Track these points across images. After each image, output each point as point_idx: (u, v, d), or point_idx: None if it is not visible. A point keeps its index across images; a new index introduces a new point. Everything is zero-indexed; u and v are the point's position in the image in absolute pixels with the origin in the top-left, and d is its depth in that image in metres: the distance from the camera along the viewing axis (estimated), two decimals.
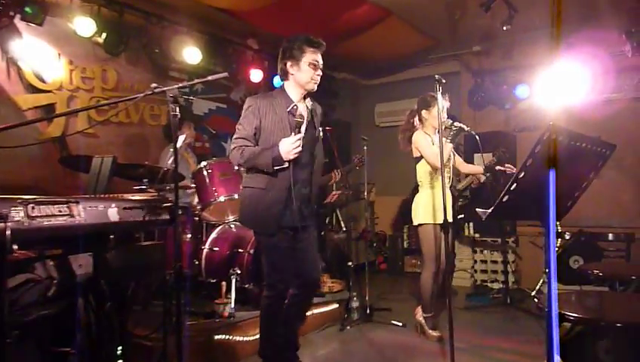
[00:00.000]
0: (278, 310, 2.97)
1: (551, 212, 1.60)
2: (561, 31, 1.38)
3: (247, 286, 3.96)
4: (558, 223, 4.95)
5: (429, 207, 3.80)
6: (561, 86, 5.02)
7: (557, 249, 5.20)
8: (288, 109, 2.90)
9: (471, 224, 6.23)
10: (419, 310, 4.03)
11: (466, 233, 6.29)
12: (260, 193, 2.86)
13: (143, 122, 5.21)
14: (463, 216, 5.85)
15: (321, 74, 2.95)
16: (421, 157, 3.89)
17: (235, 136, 2.88)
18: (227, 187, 4.09)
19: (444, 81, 3.00)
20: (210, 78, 2.54)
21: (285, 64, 2.93)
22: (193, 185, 4.20)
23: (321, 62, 2.92)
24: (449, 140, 3.74)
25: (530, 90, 6.07)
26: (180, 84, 2.46)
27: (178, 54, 5.16)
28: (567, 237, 5.40)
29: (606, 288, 3.48)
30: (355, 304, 4.42)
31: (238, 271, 3.92)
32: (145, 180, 3.48)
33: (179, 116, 2.33)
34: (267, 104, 2.90)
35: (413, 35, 5.96)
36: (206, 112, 5.95)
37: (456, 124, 3.73)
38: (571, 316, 1.99)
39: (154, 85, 2.31)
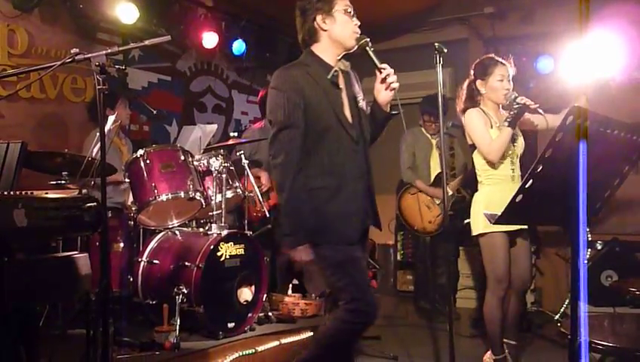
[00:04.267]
0: (354, 344, 2.92)
1: (580, 215, 1.63)
2: None
3: (196, 309, 3.94)
4: (587, 230, 5.05)
5: (494, 209, 3.59)
6: (592, 60, 5.10)
7: (586, 262, 5.30)
8: (329, 77, 2.81)
9: None
10: (487, 356, 3.87)
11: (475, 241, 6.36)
12: (325, 193, 2.74)
13: (62, 98, 5.14)
14: (469, 220, 5.91)
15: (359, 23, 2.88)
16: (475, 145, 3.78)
17: (275, 129, 2.73)
18: (171, 182, 4.06)
19: (445, 50, 3.02)
20: (149, 42, 2.53)
21: (314, 20, 2.82)
22: (127, 180, 4.17)
23: (353, 9, 2.87)
24: (507, 122, 3.56)
25: (554, 64, 6.16)
26: (110, 50, 2.44)
27: (109, 11, 5.09)
28: (599, 247, 5.51)
29: None
30: None
31: (185, 291, 3.90)
32: (64, 173, 3.43)
33: (107, 91, 2.31)
34: (303, 74, 2.78)
35: None
36: (145, 86, 5.91)
37: (519, 99, 3.53)
38: (602, 345, 2.04)
39: (75, 51, 2.29)
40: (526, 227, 3.66)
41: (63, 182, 3.38)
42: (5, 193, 2.26)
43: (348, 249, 2.75)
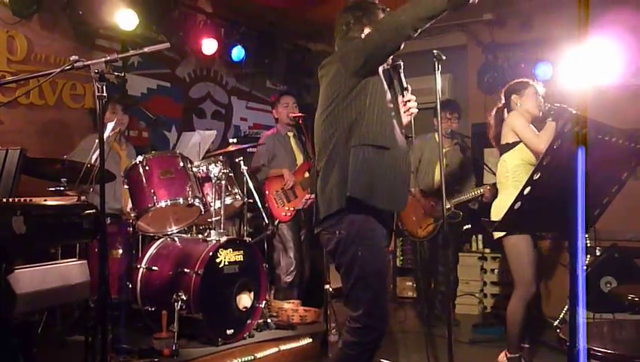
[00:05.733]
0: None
1: (578, 222, 1.64)
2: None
3: (195, 315, 3.94)
4: (586, 236, 5.05)
5: None
6: (590, 66, 5.12)
7: (585, 268, 5.30)
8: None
9: (479, 237, 6.30)
10: (503, 355, 3.96)
11: (474, 248, 6.36)
12: (379, 153, 2.75)
13: (62, 105, 5.14)
14: (469, 226, 5.92)
15: None
16: (514, 144, 3.89)
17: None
18: (170, 189, 4.06)
19: (444, 57, 3.03)
20: (148, 49, 2.53)
21: (361, 31, 2.93)
22: (126, 187, 4.17)
23: None
24: (551, 118, 3.80)
25: (553, 70, 6.17)
26: (110, 57, 2.44)
27: (108, 17, 5.09)
28: (598, 253, 5.51)
29: None
30: (333, 338, 4.43)
31: (184, 297, 3.90)
32: (63, 180, 3.44)
33: (106, 98, 2.32)
34: None
35: None
36: (144, 92, 5.92)
37: (556, 104, 3.82)
38: (601, 352, 2.03)
39: (74, 58, 2.29)
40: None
41: (61, 188, 3.38)
42: (4, 200, 2.27)
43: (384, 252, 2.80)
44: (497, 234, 3.78)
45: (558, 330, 5.15)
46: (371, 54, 2.73)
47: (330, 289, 4.66)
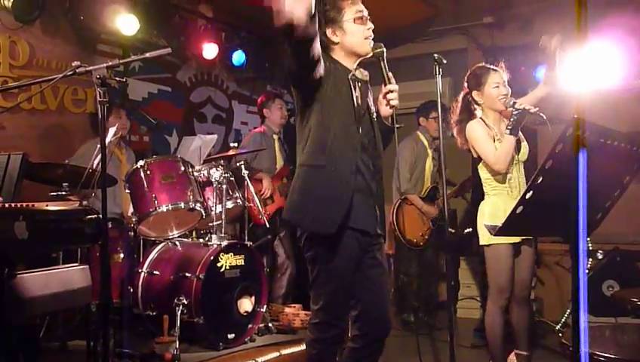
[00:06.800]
0: None
1: (580, 225, 1.63)
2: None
3: (196, 320, 3.94)
4: (588, 240, 5.03)
5: (498, 221, 3.60)
6: (592, 68, 5.11)
7: (587, 271, 5.29)
8: (349, 76, 2.78)
9: None
10: (513, 356, 3.86)
11: (475, 251, 6.35)
12: (316, 173, 2.70)
13: (63, 109, 5.15)
14: (470, 229, 5.91)
15: (373, 27, 2.83)
16: (480, 158, 3.70)
17: None
18: (171, 193, 4.07)
19: (444, 61, 3.03)
20: (149, 54, 2.54)
21: (324, 33, 2.74)
22: (127, 191, 4.17)
23: (366, 11, 2.79)
24: (508, 129, 3.51)
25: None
26: (111, 62, 2.45)
27: (109, 22, 5.11)
28: (600, 256, 5.50)
29: None
30: None
31: (185, 301, 3.89)
32: (65, 184, 3.43)
33: (108, 103, 2.32)
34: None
35: (408, 1, 6.02)
36: (145, 97, 5.91)
37: (518, 104, 3.49)
38: (603, 356, 2.03)
39: (76, 63, 2.30)
40: (531, 237, 3.65)
41: (63, 193, 3.38)
42: (7, 205, 2.27)
43: (333, 244, 2.69)
44: (481, 241, 3.71)
45: (560, 334, 5.15)
46: (293, 79, 2.73)
47: None
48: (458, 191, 5.64)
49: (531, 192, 1.87)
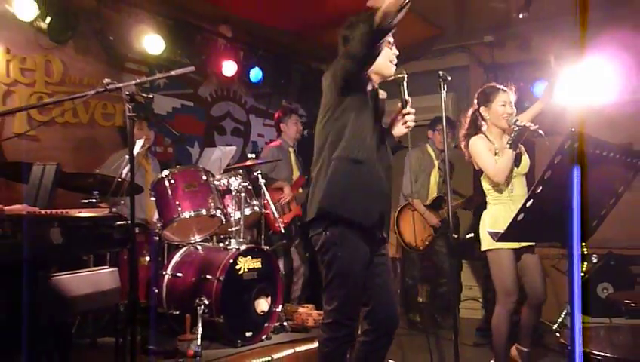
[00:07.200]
0: None
1: (575, 230, 1.63)
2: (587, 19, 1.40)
3: (216, 319, 3.94)
4: (583, 244, 4.99)
5: (500, 227, 3.59)
6: (587, 84, 5.08)
7: (582, 274, 5.25)
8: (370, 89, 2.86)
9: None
10: (514, 348, 3.84)
11: (477, 255, 6.32)
12: (356, 167, 2.72)
13: (94, 123, 5.19)
14: (472, 234, 5.88)
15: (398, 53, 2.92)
16: (481, 170, 3.74)
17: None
18: (193, 201, 4.08)
19: (449, 78, 3.03)
20: (174, 72, 2.56)
21: None
22: (153, 199, 4.19)
23: (391, 37, 2.84)
24: (509, 144, 3.56)
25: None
26: (139, 80, 2.47)
27: (137, 42, 5.16)
28: (595, 260, 5.45)
29: None
30: None
31: (206, 302, 3.90)
32: (95, 192, 3.45)
33: (136, 119, 2.34)
34: None
35: (414, 22, 6.01)
36: (169, 111, 5.94)
37: (519, 121, 3.55)
38: (599, 355, 2.01)
39: (107, 81, 2.32)
40: (533, 244, 3.62)
41: (94, 200, 3.40)
42: (42, 212, 2.28)
43: (356, 241, 2.71)
44: (483, 246, 3.71)
45: (557, 334, 5.10)
46: (348, 69, 2.71)
47: None
48: (465, 205, 5.59)
49: (531, 201, 1.87)
